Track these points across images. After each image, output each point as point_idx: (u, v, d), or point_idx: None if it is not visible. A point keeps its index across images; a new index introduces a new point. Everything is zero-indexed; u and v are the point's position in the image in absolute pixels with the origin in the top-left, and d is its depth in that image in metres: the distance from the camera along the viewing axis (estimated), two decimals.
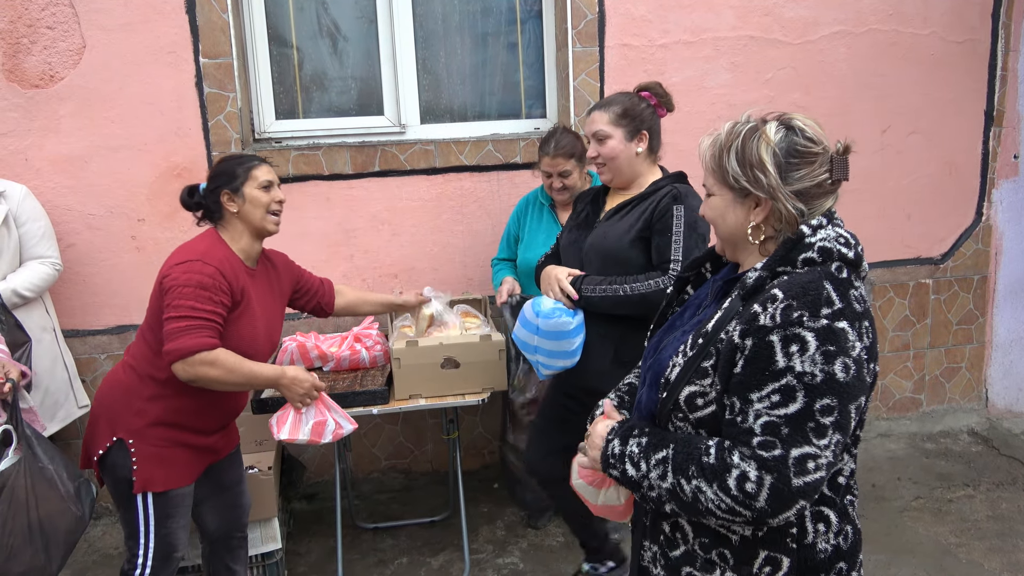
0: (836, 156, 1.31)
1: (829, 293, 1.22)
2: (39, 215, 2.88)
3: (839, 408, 1.18)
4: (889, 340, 4.09)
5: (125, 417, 2.10)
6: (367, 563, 3.10)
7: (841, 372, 1.18)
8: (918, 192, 3.97)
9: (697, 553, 1.35)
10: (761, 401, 1.20)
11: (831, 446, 1.18)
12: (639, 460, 1.31)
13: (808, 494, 1.18)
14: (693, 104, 3.63)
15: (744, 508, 1.19)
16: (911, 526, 3.23)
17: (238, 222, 2.20)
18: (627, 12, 3.49)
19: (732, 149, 1.32)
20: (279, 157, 3.34)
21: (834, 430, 1.18)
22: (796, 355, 1.18)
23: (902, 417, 4.18)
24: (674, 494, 1.25)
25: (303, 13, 3.48)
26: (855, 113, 3.81)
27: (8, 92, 3.11)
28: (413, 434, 3.71)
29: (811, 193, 1.30)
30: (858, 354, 1.20)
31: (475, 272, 3.59)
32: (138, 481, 2.08)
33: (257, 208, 2.19)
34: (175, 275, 2.04)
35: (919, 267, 4.06)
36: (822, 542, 1.31)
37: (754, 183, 1.30)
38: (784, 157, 1.29)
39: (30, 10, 3.07)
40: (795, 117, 1.33)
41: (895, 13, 3.74)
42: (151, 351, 2.12)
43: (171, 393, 2.11)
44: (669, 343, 1.44)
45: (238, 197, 2.18)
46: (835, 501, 1.33)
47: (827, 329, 1.19)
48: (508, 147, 3.51)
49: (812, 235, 1.28)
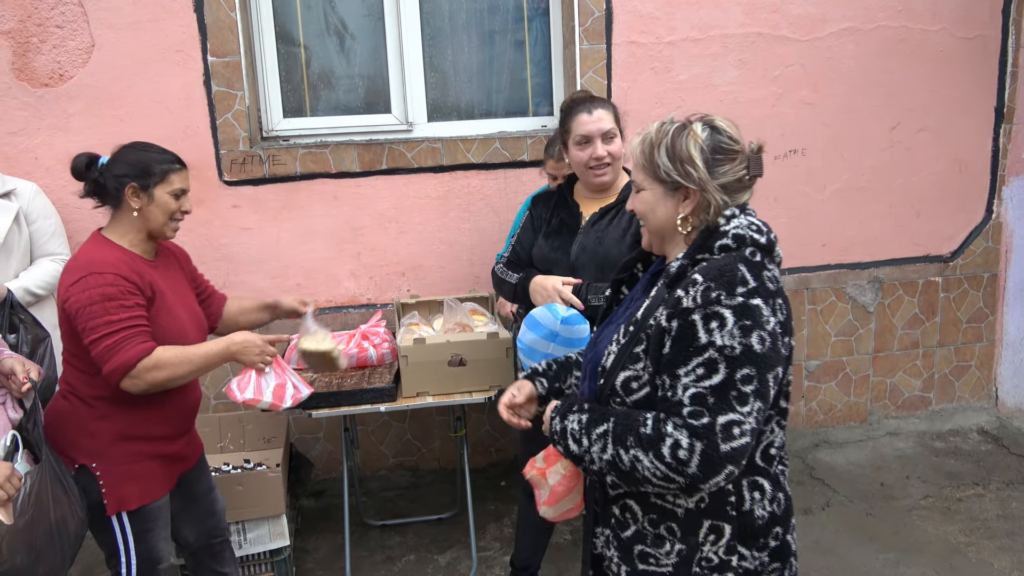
0: (752, 155, 1.44)
1: (744, 274, 1.32)
2: (49, 213, 2.89)
3: (758, 377, 1.29)
4: (898, 338, 4.07)
5: (80, 442, 2.01)
6: (375, 560, 3.11)
7: (758, 344, 1.29)
8: (927, 189, 3.95)
9: (647, 530, 1.45)
10: (688, 375, 1.30)
11: (753, 413, 1.29)
12: (580, 436, 1.41)
13: (735, 459, 1.27)
14: (700, 102, 3.62)
15: (677, 474, 1.28)
16: (920, 525, 3.21)
17: (136, 220, 2.02)
18: (634, 9, 3.49)
19: (663, 146, 1.43)
20: (287, 155, 3.35)
21: (755, 398, 1.28)
22: (716, 330, 1.29)
23: (911, 416, 4.16)
24: (614, 465, 1.35)
25: (310, 11, 3.48)
26: (864, 110, 3.79)
27: (18, 91, 3.13)
28: (420, 432, 3.72)
29: (732, 187, 1.42)
30: (772, 328, 1.31)
31: (482, 270, 3.59)
32: (110, 503, 2.02)
33: (162, 213, 2.03)
34: (74, 297, 1.90)
35: (928, 265, 4.04)
36: (759, 509, 1.42)
37: (685, 177, 1.41)
38: (711, 153, 1.40)
39: (40, 9, 3.09)
40: (716, 118, 1.45)
41: (904, 9, 3.72)
42: (84, 373, 2.01)
43: (121, 408, 2.02)
44: (604, 336, 1.54)
45: (144, 195, 2.00)
46: (768, 471, 1.44)
47: (743, 306, 1.29)
48: (515, 145, 3.50)
49: (726, 224, 1.40)
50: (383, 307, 3.53)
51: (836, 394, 4.06)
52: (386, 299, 3.56)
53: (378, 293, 3.56)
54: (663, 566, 1.43)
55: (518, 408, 1.70)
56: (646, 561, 1.44)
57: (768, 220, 1.51)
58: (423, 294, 3.53)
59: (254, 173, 3.33)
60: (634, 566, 1.45)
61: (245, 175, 3.32)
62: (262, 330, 2.51)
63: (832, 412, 4.08)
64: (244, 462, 2.90)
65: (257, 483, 2.72)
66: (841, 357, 4.03)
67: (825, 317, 3.96)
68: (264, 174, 3.34)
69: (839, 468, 3.74)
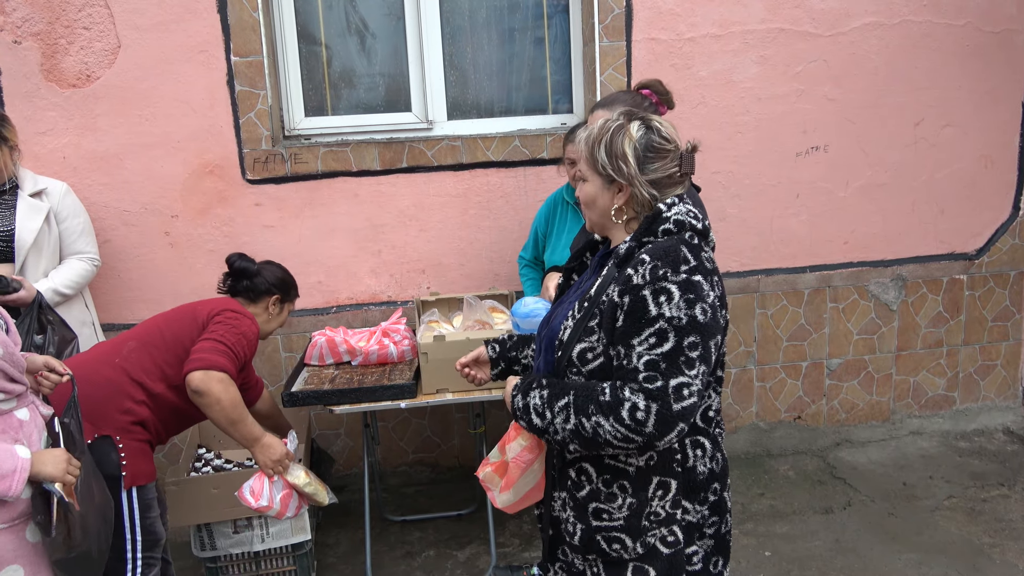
0: (685, 153, 1.57)
1: (686, 254, 1.47)
2: (78, 212, 2.95)
3: (702, 344, 1.44)
4: (921, 337, 4.03)
5: (111, 414, 2.18)
6: (395, 555, 3.14)
7: (701, 315, 1.44)
8: (952, 186, 3.90)
9: (600, 489, 1.58)
10: (641, 344, 1.44)
11: (699, 375, 1.44)
12: (544, 410, 1.53)
13: (686, 417, 1.42)
14: (721, 98, 3.60)
15: (636, 434, 1.42)
16: (943, 525, 3.18)
17: (261, 319, 2.58)
18: (655, 6, 3.47)
19: (602, 142, 1.57)
20: (308, 154, 3.38)
21: (700, 362, 1.44)
22: (665, 304, 1.43)
23: (934, 415, 4.12)
24: (576, 433, 1.48)
25: (332, 11, 3.51)
26: (887, 106, 3.75)
27: (47, 92, 3.19)
28: (440, 428, 3.74)
29: (663, 183, 1.56)
30: (712, 301, 1.46)
31: (502, 267, 3.60)
32: (128, 476, 2.14)
33: (278, 324, 2.68)
34: (229, 315, 2.37)
35: (953, 263, 3.99)
36: (700, 465, 1.59)
37: (617, 171, 1.55)
38: (643, 151, 1.54)
39: (67, 11, 3.14)
40: (653, 119, 1.58)
41: (929, 4, 3.68)
42: (155, 366, 2.29)
43: (156, 407, 2.27)
44: (558, 313, 1.68)
45: (278, 309, 2.63)
46: (708, 431, 1.61)
47: (687, 282, 1.44)
48: (535, 143, 3.51)
49: (668, 211, 1.54)
50: (403, 304, 3.55)
51: (858, 393, 4.03)
52: (406, 296, 3.58)
53: (398, 290, 3.58)
54: (615, 519, 1.56)
55: (470, 368, 1.96)
56: (599, 517, 1.57)
57: (789, 217, 1.59)
58: (443, 291, 3.55)
59: (276, 172, 3.37)
60: (588, 523, 1.58)
61: (268, 173, 3.36)
62: None
63: (854, 411, 4.04)
64: None
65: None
66: (863, 356, 3.99)
67: (847, 315, 3.93)
68: (286, 172, 3.38)
69: (861, 467, 3.71)
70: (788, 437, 3.95)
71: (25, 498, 1.70)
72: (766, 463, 3.78)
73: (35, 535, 1.73)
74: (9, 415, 1.72)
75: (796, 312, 3.87)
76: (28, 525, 1.72)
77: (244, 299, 2.58)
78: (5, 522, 1.67)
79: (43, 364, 1.94)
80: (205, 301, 2.48)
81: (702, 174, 3.62)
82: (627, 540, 1.55)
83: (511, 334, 1.99)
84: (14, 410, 1.73)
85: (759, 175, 3.72)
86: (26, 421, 1.75)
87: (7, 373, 1.69)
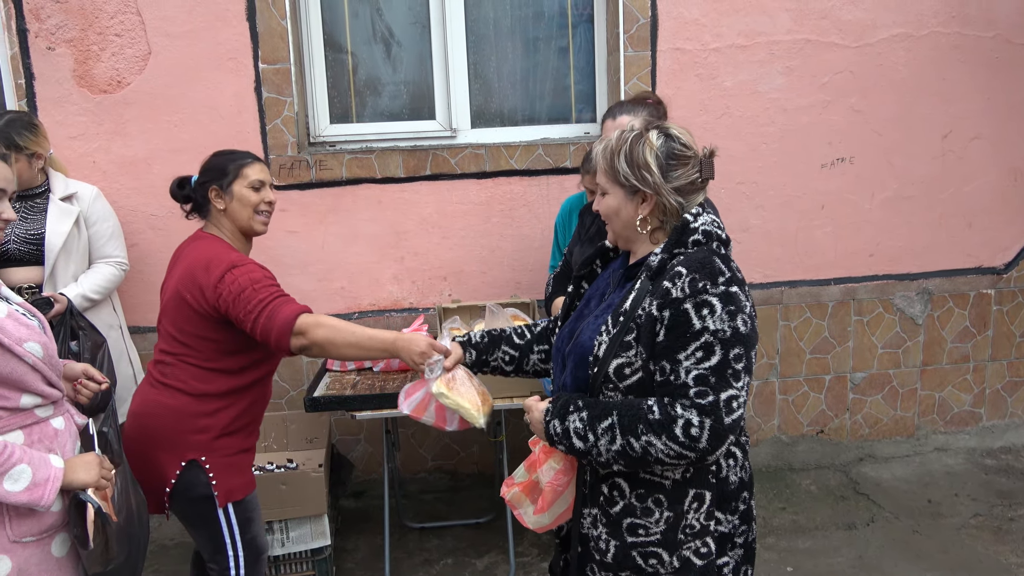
0: (704, 159, 1.56)
1: (720, 265, 1.47)
2: (108, 216, 2.99)
3: (745, 355, 1.45)
4: (947, 352, 3.97)
5: (188, 438, 2.06)
6: (413, 562, 3.14)
7: (743, 326, 1.45)
8: (980, 199, 3.85)
9: (635, 504, 1.54)
10: (688, 359, 1.43)
11: (745, 387, 1.45)
12: (586, 432, 1.50)
13: (735, 429, 1.43)
14: (746, 109, 3.59)
15: (689, 451, 1.42)
16: (969, 544, 3.13)
17: (225, 220, 2.17)
18: (680, 16, 3.47)
19: (622, 153, 1.55)
20: (333, 160, 3.41)
21: (745, 373, 1.45)
22: (708, 317, 1.43)
23: (960, 431, 4.05)
24: (623, 453, 1.46)
25: (358, 19, 3.54)
26: (914, 117, 3.71)
27: (78, 97, 3.24)
28: (459, 436, 3.74)
29: (686, 189, 1.55)
30: (750, 311, 1.48)
31: (523, 276, 3.60)
32: (220, 495, 2.06)
33: (244, 207, 2.14)
34: (226, 291, 1.99)
35: (980, 277, 3.93)
36: (732, 475, 1.58)
37: (641, 181, 1.54)
38: (665, 159, 1.53)
39: (100, 19, 3.20)
40: (671, 127, 1.57)
41: (958, 15, 3.64)
42: (200, 369, 2.07)
43: (229, 402, 2.11)
44: (584, 328, 1.64)
45: (225, 194, 2.14)
46: (738, 441, 1.60)
47: (726, 293, 1.45)
48: (558, 151, 3.51)
49: (695, 221, 1.53)
50: (425, 311, 3.56)
51: (882, 407, 3.98)
52: (428, 303, 3.59)
53: (420, 297, 3.59)
54: (652, 534, 1.53)
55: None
56: (635, 532, 1.54)
57: (814, 229, 1.59)
58: (464, 299, 3.55)
59: (301, 178, 3.40)
60: (623, 539, 1.55)
61: (293, 179, 3.39)
62: None
63: (878, 426, 3.99)
64: (287, 462, 2.95)
65: (300, 483, 2.77)
66: (888, 370, 3.94)
67: (872, 328, 3.88)
68: (311, 179, 3.40)
69: (885, 483, 3.66)
70: (810, 451, 3.90)
71: (55, 510, 1.65)
72: (788, 477, 3.74)
73: (61, 549, 1.69)
74: (45, 423, 1.68)
75: (820, 325, 3.83)
76: (54, 539, 1.67)
77: (203, 217, 2.21)
78: (33, 535, 1.62)
79: (82, 372, 1.92)
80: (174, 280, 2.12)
81: (726, 184, 3.60)
82: (664, 554, 1.53)
83: (483, 335, 1.91)
84: (50, 418, 1.70)
85: (784, 186, 3.69)
86: (61, 430, 1.72)
87: (46, 376, 1.66)
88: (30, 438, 1.64)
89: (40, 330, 1.69)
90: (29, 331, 1.64)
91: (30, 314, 1.73)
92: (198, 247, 2.12)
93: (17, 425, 1.63)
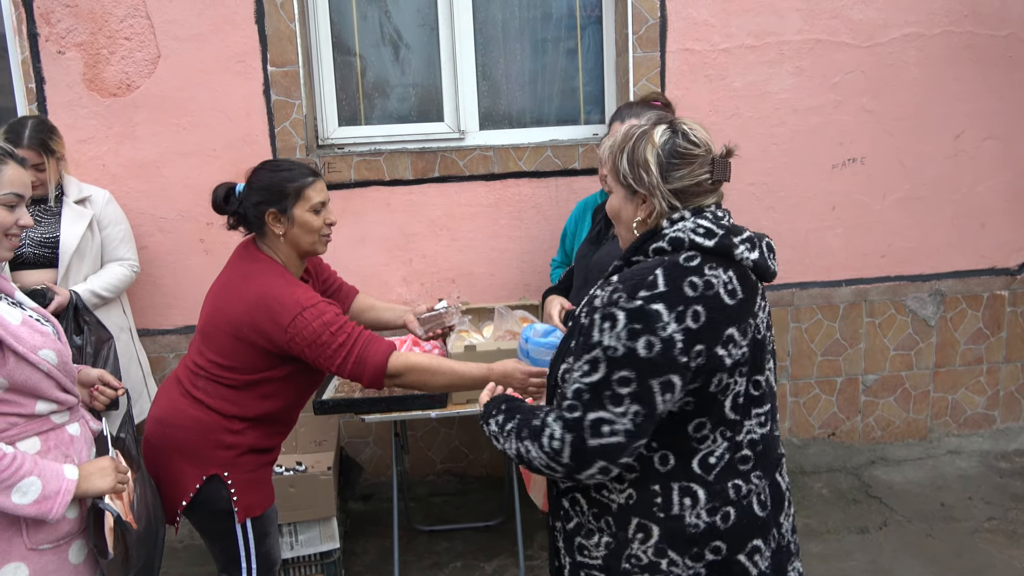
0: (718, 158, 1.42)
1: (656, 278, 1.33)
2: (120, 219, 3.00)
3: (637, 381, 1.30)
4: (960, 353, 3.93)
5: (213, 453, 2.02)
6: (422, 565, 3.13)
7: (643, 349, 1.30)
8: (993, 199, 3.82)
9: (587, 523, 1.47)
10: (578, 371, 1.36)
11: (628, 415, 1.31)
12: (499, 433, 1.49)
13: (607, 455, 1.32)
14: (756, 109, 3.56)
15: (554, 463, 1.36)
16: (983, 548, 3.09)
17: (281, 243, 2.02)
18: (689, 16, 3.45)
19: (624, 151, 1.44)
20: (342, 163, 3.40)
21: (631, 400, 1.31)
22: (607, 331, 1.33)
23: (974, 434, 4.02)
24: (519, 455, 1.43)
25: (366, 21, 3.54)
26: (926, 117, 3.68)
27: (88, 100, 3.25)
28: (468, 439, 3.73)
29: (690, 191, 1.41)
30: (669, 334, 1.30)
31: (532, 278, 3.59)
32: (240, 511, 2.03)
33: (307, 233, 2.01)
34: (300, 336, 1.92)
35: (994, 278, 3.89)
36: (691, 516, 1.39)
37: (637, 181, 1.42)
38: (666, 158, 1.40)
39: (109, 22, 3.21)
40: (684, 122, 1.44)
41: (971, 14, 3.61)
42: (232, 390, 2.02)
43: (257, 425, 2.07)
44: None
45: (285, 219, 1.99)
46: (705, 479, 1.40)
47: (639, 310, 1.31)
48: (567, 153, 3.50)
49: (669, 227, 1.41)
50: None
51: (894, 410, 3.94)
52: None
53: (429, 299, 3.58)
54: (594, 558, 1.46)
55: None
56: (582, 553, 1.48)
57: (825, 230, 1.50)
58: (473, 301, 3.54)
59: None
60: (574, 557, 1.50)
61: None
62: None
63: (890, 428, 3.96)
64: (296, 464, 2.94)
65: (309, 486, 2.77)
66: (900, 372, 3.91)
67: (884, 330, 3.85)
68: None
69: (897, 486, 3.62)
70: (822, 454, 3.88)
71: (71, 517, 1.64)
72: (799, 480, 3.71)
73: (78, 556, 1.67)
74: (61, 430, 1.67)
75: (831, 326, 3.80)
76: (71, 546, 1.66)
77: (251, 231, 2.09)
78: (50, 543, 1.61)
79: (97, 378, 1.91)
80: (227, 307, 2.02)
81: (736, 186, 3.58)
82: None
83: None
84: (66, 424, 1.69)
85: (794, 187, 3.67)
86: (76, 436, 1.70)
87: (60, 383, 1.64)
88: (46, 444, 1.63)
89: (55, 336, 1.68)
90: (44, 338, 1.63)
91: (44, 319, 1.72)
92: (256, 276, 2.00)
93: (33, 431, 1.62)
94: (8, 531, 1.56)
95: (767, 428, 1.49)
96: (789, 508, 1.57)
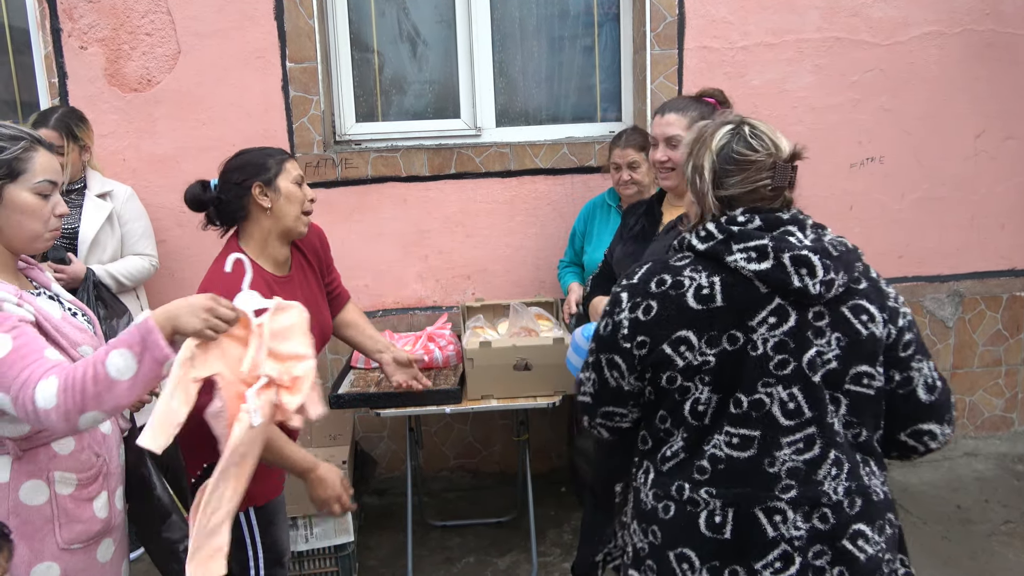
0: (780, 163, 1.37)
1: (639, 269, 1.46)
2: (140, 215, 3.04)
3: (596, 352, 1.50)
4: (979, 355, 3.90)
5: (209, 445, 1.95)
6: (435, 560, 3.14)
7: (602, 327, 1.48)
8: (1013, 200, 3.78)
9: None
10: None
11: (589, 382, 1.52)
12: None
13: (584, 410, 1.56)
14: (774, 107, 3.55)
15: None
16: (1000, 551, 3.07)
17: (266, 222, 1.95)
18: (707, 14, 3.44)
19: (693, 153, 1.46)
20: (359, 159, 3.42)
21: (591, 369, 1.51)
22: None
23: (991, 436, 3.98)
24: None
25: (384, 18, 3.56)
26: (946, 117, 3.65)
27: (110, 95, 3.28)
28: (482, 435, 3.74)
29: (743, 199, 1.40)
30: (620, 319, 1.43)
31: (547, 275, 3.59)
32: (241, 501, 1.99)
33: (292, 204, 1.95)
34: None
35: (1014, 279, 3.85)
36: (644, 493, 1.49)
37: (691, 185, 1.46)
38: (720, 165, 1.40)
39: (131, 18, 3.24)
40: (749, 123, 1.41)
41: (992, 12, 3.57)
42: None
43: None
44: None
45: (271, 190, 1.93)
46: (659, 468, 1.46)
47: (614, 295, 1.48)
48: (583, 150, 3.50)
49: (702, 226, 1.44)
50: (448, 310, 3.57)
51: None
52: (451, 302, 3.59)
53: (444, 296, 3.60)
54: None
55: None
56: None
57: (843, 230, 1.49)
58: (488, 297, 3.55)
59: (327, 176, 3.42)
60: None
61: (318, 178, 3.41)
62: None
63: None
64: None
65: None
66: None
67: None
68: (336, 177, 3.42)
69: (912, 488, 3.60)
70: None
71: (101, 517, 1.65)
72: None
73: (106, 554, 1.69)
74: (94, 428, 1.65)
75: None
76: (100, 544, 1.67)
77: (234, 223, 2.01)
78: (80, 542, 1.62)
79: None
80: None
81: None
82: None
83: None
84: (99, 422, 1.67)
85: (812, 186, 3.64)
86: (108, 435, 1.71)
87: None
88: (80, 443, 1.62)
89: (91, 332, 1.68)
90: (83, 335, 1.63)
91: (80, 311, 1.72)
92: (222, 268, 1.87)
93: None
94: (42, 531, 1.57)
95: (745, 453, 1.36)
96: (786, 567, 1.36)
